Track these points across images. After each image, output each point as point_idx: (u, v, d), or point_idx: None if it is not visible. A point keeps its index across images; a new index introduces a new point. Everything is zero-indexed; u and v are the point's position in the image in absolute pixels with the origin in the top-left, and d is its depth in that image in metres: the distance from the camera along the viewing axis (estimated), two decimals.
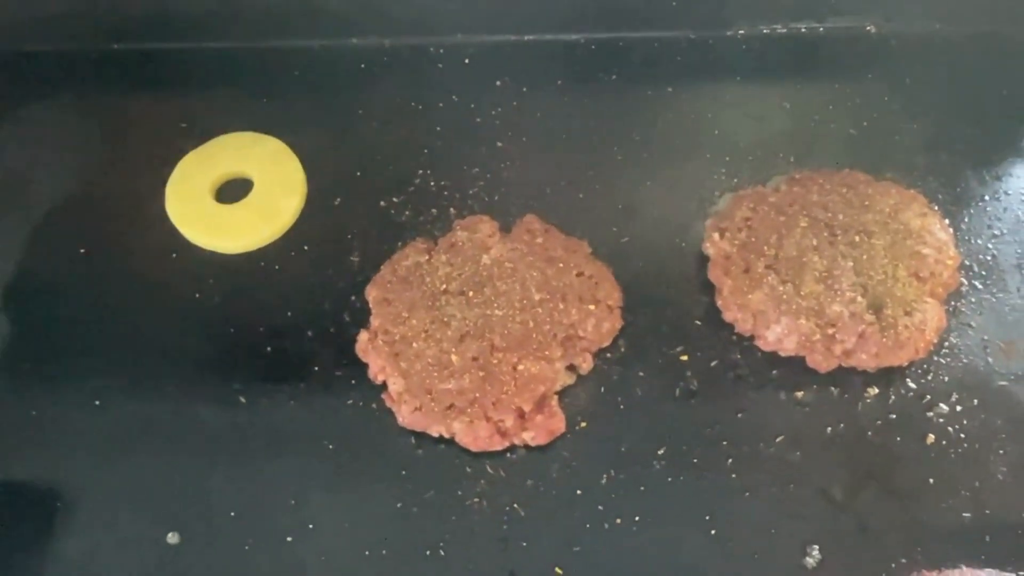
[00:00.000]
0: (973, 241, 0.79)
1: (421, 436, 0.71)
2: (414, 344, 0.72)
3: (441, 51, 0.93)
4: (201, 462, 0.71)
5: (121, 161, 0.87)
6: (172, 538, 0.68)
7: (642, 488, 0.68)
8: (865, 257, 0.74)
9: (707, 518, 0.67)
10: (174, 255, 0.81)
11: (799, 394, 0.72)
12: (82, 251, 0.82)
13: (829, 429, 0.70)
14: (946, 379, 0.72)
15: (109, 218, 0.84)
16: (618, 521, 0.67)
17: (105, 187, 0.86)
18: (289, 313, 0.77)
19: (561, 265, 0.75)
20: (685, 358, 0.74)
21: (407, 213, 0.83)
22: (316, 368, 0.75)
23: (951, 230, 0.77)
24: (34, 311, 0.79)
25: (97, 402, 0.74)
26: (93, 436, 0.73)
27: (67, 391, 0.75)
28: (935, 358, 0.73)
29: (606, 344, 0.74)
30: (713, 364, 0.74)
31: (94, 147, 0.89)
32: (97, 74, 0.93)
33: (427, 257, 0.77)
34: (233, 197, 0.84)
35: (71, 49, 0.94)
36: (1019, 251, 0.79)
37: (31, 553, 0.68)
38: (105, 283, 0.80)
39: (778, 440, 0.70)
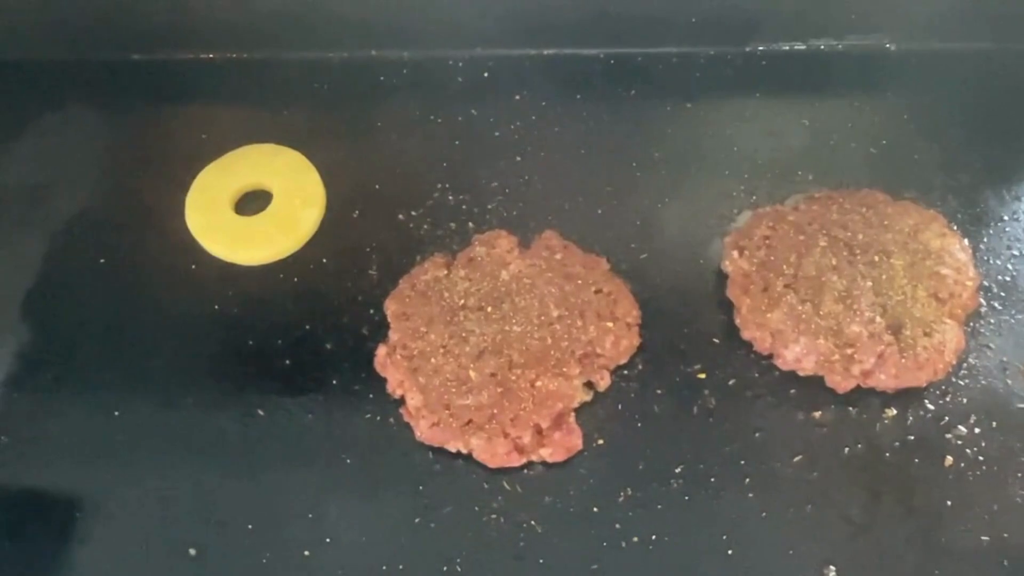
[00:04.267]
0: (992, 261, 0.79)
1: (439, 451, 0.71)
2: (432, 359, 0.72)
3: (460, 64, 0.93)
4: (219, 474, 0.71)
5: (140, 172, 0.87)
6: (191, 551, 0.68)
7: (659, 506, 0.68)
8: (884, 277, 0.74)
9: (724, 538, 0.67)
10: (193, 266, 0.82)
11: (817, 414, 0.72)
12: (101, 262, 0.82)
13: (847, 450, 0.70)
14: (965, 401, 0.72)
15: (128, 229, 0.84)
16: (635, 539, 0.67)
17: (124, 198, 0.86)
18: (308, 326, 0.77)
19: (579, 282, 0.75)
20: (703, 376, 0.74)
21: (425, 227, 0.83)
22: (334, 382, 0.75)
23: (970, 250, 0.77)
24: (53, 322, 0.80)
25: (116, 413, 0.74)
26: (111, 447, 0.73)
27: (86, 402, 0.75)
28: (954, 379, 0.73)
29: (624, 361, 0.74)
30: (731, 383, 0.73)
31: (113, 158, 0.89)
32: (116, 85, 0.94)
33: (446, 272, 0.77)
34: (252, 209, 0.84)
35: (90, 59, 0.94)
36: None
37: (49, 564, 0.68)
38: (124, 294, 0.80)
39: (796, 460, 0.70)
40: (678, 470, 0.70)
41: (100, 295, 0.81)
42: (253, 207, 0.84)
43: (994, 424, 0.71)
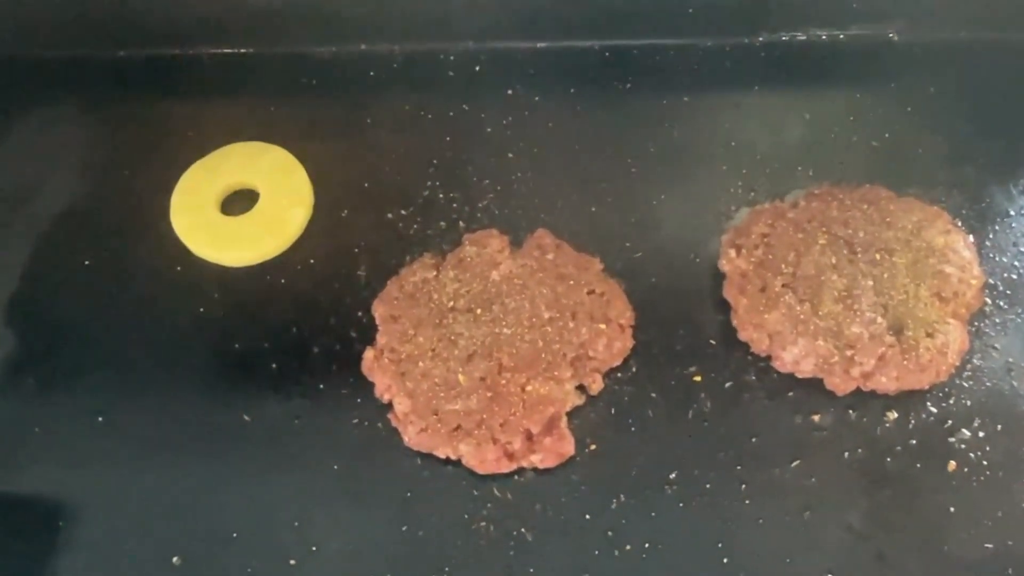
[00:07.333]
0: (998, 259, 0.77)
1: (427, 457, 0.69)
2: (421, 363, 0.71)
3: (452, 58, 0.92)
4: (203, 480, 0.70)
5: (125, 171, 0.86)
6: (175, 560, 0.67)
7: (653, 514, 0.67)
8: (886, 276, 0.72)
9: (719, 546, 0.66)
10: (178, 268, 0.80)
11: (816, 417, 0.70)
12: (86, 263, 0.81)
13: (847, 454, 0.69)
14: (969, 403, 0.71)
15: (113, 229, 0.83)
16: (628, 548, 0.66)
17: (109, 197, 0.85)
18: (294, 329, 0.76)
19: (572, 282, 0.74)
20: (699, 379, 0.72)
21: (415, 226, 0.81)
22: (321, 386, 0.73)
23: (975, 248, 0.75)
24: (37, 324, 0.79)
25: (100, 418, 0.73)
26: (96, 452, 0.72)
27: (70, 406, 0.74)
28: (957, 381, 0.71)
29: (617, 364, 0.72)
30: (727, 385, 0.72)
31: (98, 156, 0.88)
32: (102, 81, 0.92)
33: (435, 273, 0.76)
34: (239, 209, 0.82)
35: (76, 55, 0.93)
36: None
37: (32, 571, 0.67)
38: (109, 296, 0.79)
39: (794, 465, 0.68)
40: (672, 476, 0.68)
41: (84, 297, 0.79)
42: (239, 207, 0.83)
43: (999, 427, 0.70)
